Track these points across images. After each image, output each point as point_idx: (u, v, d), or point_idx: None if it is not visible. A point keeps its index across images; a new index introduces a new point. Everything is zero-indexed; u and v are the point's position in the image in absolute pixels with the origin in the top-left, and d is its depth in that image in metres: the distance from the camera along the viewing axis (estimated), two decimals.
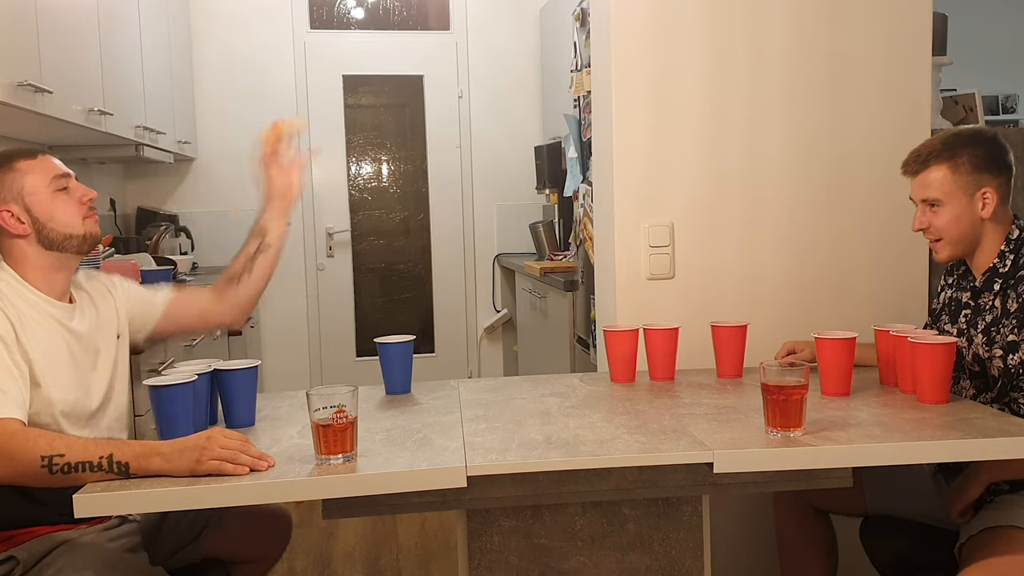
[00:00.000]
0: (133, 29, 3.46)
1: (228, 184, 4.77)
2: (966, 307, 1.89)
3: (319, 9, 4.91)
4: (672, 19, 2.25)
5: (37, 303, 1.65)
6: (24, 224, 1.66)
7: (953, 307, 1.93)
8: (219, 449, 1.39)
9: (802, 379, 1.50)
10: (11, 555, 1.58)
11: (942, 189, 1.80)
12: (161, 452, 1.41)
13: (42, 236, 1.67)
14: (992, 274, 1.82)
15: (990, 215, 1.79)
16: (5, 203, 1.66)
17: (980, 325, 1.83)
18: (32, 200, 1.67)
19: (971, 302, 1.88)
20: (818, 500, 2.07)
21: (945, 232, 1.82)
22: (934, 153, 1.81)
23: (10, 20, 2.26)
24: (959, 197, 1.79)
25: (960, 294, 1.92)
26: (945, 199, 1.80)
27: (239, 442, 1.41)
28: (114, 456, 1.41)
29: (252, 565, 1.99)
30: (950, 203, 1.80)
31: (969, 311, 1.88)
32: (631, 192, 2.29)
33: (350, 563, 3.12)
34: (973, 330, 1.84)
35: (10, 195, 1.66)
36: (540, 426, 1.62)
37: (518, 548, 1.62)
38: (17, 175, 1.67)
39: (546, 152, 4.32)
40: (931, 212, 1.83)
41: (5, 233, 1.67)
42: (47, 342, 1.63)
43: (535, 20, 4.98)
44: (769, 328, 2.19)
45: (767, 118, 2.29)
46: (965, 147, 1.80)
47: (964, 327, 1.88)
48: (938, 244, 1.85)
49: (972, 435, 1.50)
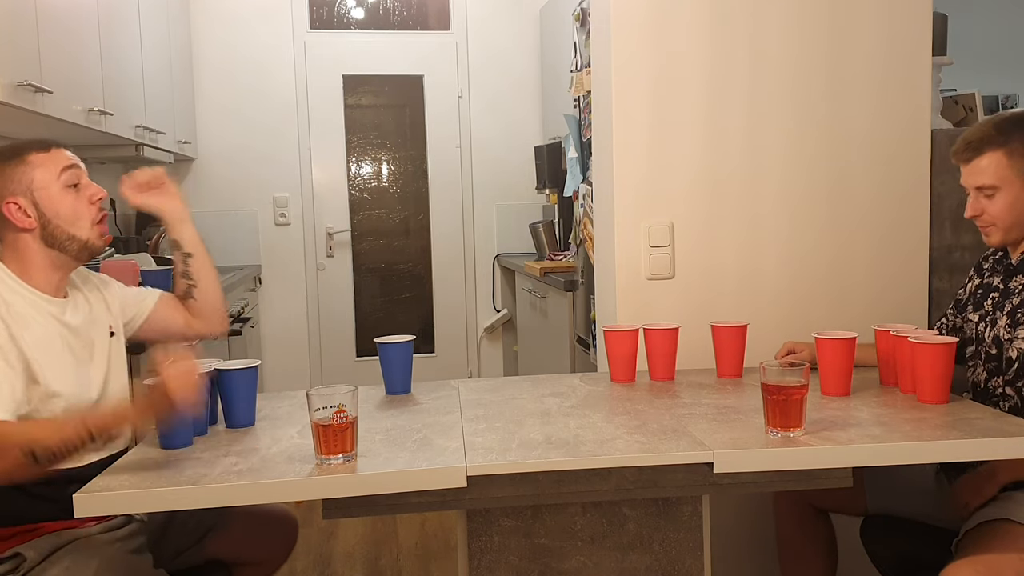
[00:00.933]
0: (133, 29, 3.46)
1: (228, 184, 4.78)
2: (995, 290, 1.87)
3: (319, 9, 4.91)
4: (672, 19, 2.25)
5: (31, 299, 1.65)
6: (30, 218, 1.66)
7: (980, 294, 1.92)
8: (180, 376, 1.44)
9: (802, 379, 1.50)
10: (17, 552, 1.59)
11: (997, 175, 1.76)
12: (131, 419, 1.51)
13: (46, 232, 1.67)
14: None
15: None
16: (13, 195, 1.65)
17: (1007, 307, 1.81)
18: (41, 195, 1.66)
19: (1001, 285, 1.86)
20: (818, 499, 2.06)
21: (999, 218, 1.79)
22: (987, 139, 1.77)
23: (10, 20, 2.26)
24: (1014, 182, 1.76)
25: (993, 279, 1.90)
26: (1001, 185, 1.76)
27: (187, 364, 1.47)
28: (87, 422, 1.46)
29: (255, 568, 1.97)
30: (1006, 189, 1.76)
31: (997, 294, 1.86)
32: (631, 192, 2.29)
33: (350, 563, 3.13)
34: (998, 312, 1.83)
35: (19, 187, 1.66)
36: (540, 426, 1.62)
37: (518, 548, 1.62)
38: (28, 168, 1.67)
39: (546, 152, 4.32)
40: (985, 199, 1.79)
41: (9, 225, 1.66)
42: (43, 338, 1.62)
43: (535, 20, 4.98)
44: (769, 328, 2.19)
45: (767, 118, 2.29)
46: (1019, 131, 1.76)
47: (989, 310, 1.86)
48: (990, 229, 1.82)
49: (972, 435, 1.50)
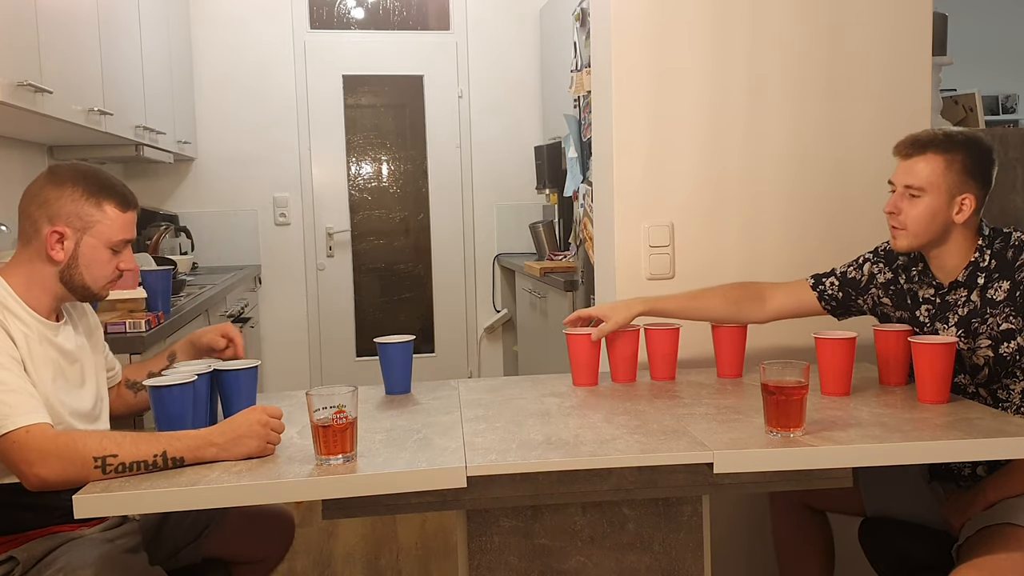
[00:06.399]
0: (133, 29, 3.46)
1: (228, 184, 4.77)
2: (927, 302, 1.88)
3: (319, 9, 4.91)
4: (672, 19, 2.25)
5: (28, 320, 1.61)
6: (63, 253, 1.62)
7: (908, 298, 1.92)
8: (273, 433, 1.50)
9: (802, 379, 1.51)
10: (11, 556, 1.58)
11: (929, 180, 1.77)
12: (215, 443, 1.45)
13: (67, 271, 1.63)
14: (974, 268, 1.80)
15: (963, 221, 1.78)
16: (65, 226, 1.61)
17: (952, 319, 1.82)
18: (87, 244, 1.63)
19: (935, 298, 1.87)
20: (815, 500, 2.06)
21: (913, 223, 1.80)
22: (933, 143, 1.79)
23: (10, 20, 2.26)
24: (941, 193, 1.77)
25: (918, 289, 1.91)
26: (928, 190, 1.77)
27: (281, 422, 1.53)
28: (168, 453, 1.43)
29: (253, 566, 1.98)
30: (931, 196, 1.77)
31: (931, 307, 1.87)
32: (631, 192, 2.29)
33: (350, 563, 3.12)
34: (940, 324, 1.84)
35: (75, 223, 1.62)
36: (540, 426, 1.62)
37: (518, 548, 1.62)
38: (97, 214, 1.63)
39: (546, 152, 4.32)
40: (908, 200, 1.80)
41: (39, 245, 1.62)
42: (40, 357, 1.60)
43: (535, 20, 4.97)
44: (769, 328, 2.19)
45: (767, 118, 2.29)
46: (964, 148, 1.78)
47: (926, 320, 1.87)
48: (900, 232, 1.83)
49: (972, 435, 1.50)
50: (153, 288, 2.57)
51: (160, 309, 2.57)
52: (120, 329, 2.37)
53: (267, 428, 1.49)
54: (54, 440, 1.44)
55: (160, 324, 2.50)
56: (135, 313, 2.47)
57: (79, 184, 1.63)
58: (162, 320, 2.54)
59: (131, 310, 2.48)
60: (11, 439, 1.44)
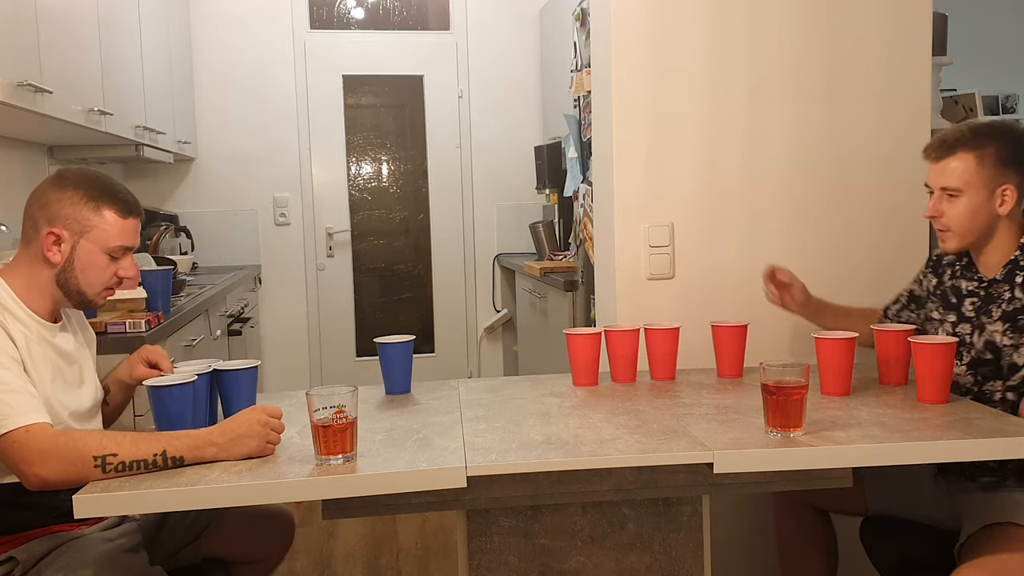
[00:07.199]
0: (133, 29, 3.46)
1: (228, 184, 4.77)
2: (971, 295, 1.84)
3: (319, 9, 4.91)
4: (672, 19, 2.25)
5: (26, 319, 1.61)
6: (59, 256, 1.62)
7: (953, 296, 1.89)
8: (272, 433, 1.50)
9: (802, 379, 1.51)
10: (11, 556, 1.58)
11: (963, 179, 1.74)
12: (215, 442, 1.46)
13: (62, 274, 1.63)
14: (1013, 267, 1.78)
15: (1007, 212, 1.75)
16: (63, 229, 1.61)
17: (996, 313, 1.78)
18: (83, 248, 1.63)
19: (980, 291, 1.83)
20: (818, 499, 2.06)
21: (956, 223, 1.77)
22: (961, 141, 1.76)
23: (10, 20, 2.26)
24: (979, 190, 1.74)
25: (961, 283, 1.87)
26: (965, 189, 1.74)
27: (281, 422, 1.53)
28: (168, 452, 1.43)
29: (253, 566, 1.98)
30: (969, 194, 1.74)
31: (977, 299, 1.83)
32: (631, 192, 2.29)
33: (350, 563, 3.12)
34: (986, 318, 1.80)
35: (73, 226, 1.62)
36: (540, 426, 1.62)
37: (518, 548, 1.62)
38: (96, 219, 1.63)
39: (546, 152, 4.31)
40: (947, 201, 1.77)
41: (37, 246, 1.62)
42: (39, 357, 1.61)
43: (535, 20, 4.97)
44: (769, 328, 2.19)
45: (767, 118, 2.29)
46: (994, 139, 1.75)
47: (972, 315, 1.83)
48: (946, 234, 1.80)
49: (972, 435, 1.50)
50: (153, 288, 2.57)
51: (160, 309, 2.57)
52: (120, 329, 2.37)
53: (267, 428, 1.49)
54: (54, 440, 1.44)
55: (160, 324, 2.51)
56: (135, 313, 2.47)
57: (80, 188, 1.63)
58: (162, 320, 2.54)
59: (131, 310, 2.48)
60: (11, 439, 1.44)
